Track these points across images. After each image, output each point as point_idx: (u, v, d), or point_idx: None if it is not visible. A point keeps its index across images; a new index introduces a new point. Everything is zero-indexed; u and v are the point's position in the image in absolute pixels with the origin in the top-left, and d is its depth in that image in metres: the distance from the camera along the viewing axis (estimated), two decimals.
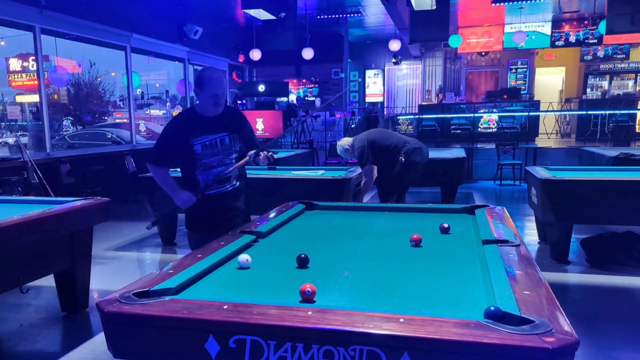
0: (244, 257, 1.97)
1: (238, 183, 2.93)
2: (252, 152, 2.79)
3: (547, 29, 13.32)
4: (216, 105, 2.75)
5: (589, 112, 12.01)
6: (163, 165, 2.83)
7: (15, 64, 13.13)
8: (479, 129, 11.96)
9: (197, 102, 2.85)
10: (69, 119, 18.71)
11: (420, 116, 12.42)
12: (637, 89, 14.52)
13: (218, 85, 2.72)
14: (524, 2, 10.80)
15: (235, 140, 2.86)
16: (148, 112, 23.83)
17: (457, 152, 7.56)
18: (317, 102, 13.78)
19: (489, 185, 9.61)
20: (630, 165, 5.97)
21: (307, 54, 11.70)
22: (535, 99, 13.48)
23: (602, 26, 9.66)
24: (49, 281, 3.50)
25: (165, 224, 5.39)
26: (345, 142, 5.28)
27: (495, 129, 11.83)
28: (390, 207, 3.27)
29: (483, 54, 14.89)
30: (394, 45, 12.25)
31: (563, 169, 5.14)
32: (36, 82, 7.32)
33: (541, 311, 1.35)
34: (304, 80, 14.32)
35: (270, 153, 2.82)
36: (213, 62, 12.22)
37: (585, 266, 4.51)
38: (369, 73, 15.95)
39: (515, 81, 15.15)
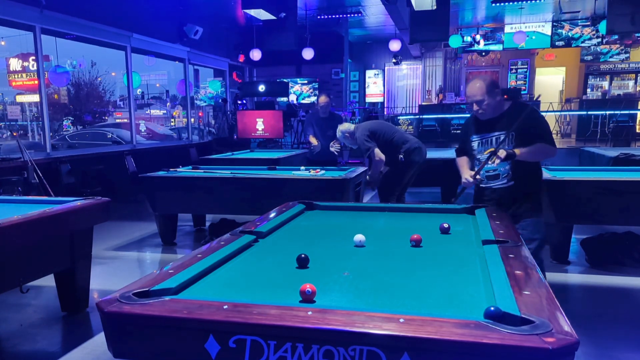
0: (359, 237, 2.21)
1: (512, 183, 3.03)
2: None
3: (547, 29, 13.31)
4: (475, 110, 3.05)
5: (589, 113, 12.01)
6: (459, 155, 3.36)
7: (15, 63, 13.17)
8: None
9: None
10: (69, 119, 18.74)
11: (421, 116, 12.42)
12: (638, 89, 14.52)
13: (469, 92, 3.04)
14: (524, 2, 10.79)
15: (512, 139, 2.92)
16: (148, 112, 23.89)
17: None
18: None
19: None
20: (630, 165, 5.95)
21: (307, 54, 11.70)
22: (535, 99, 13.48)
23: (602, 26, 9.67)
24: (49, 281, 3.50)
25: (166, 224, 5.39)
26: (346, 127, 5.20)
27: None
28: (390, 207, 3.27)
29: (483, 54, 14.88)
30: (394, 46, 12.25)
31: (563, 169, 5.12)
32: (36, 82, 7.33)
33: (541, 311, 1.35)
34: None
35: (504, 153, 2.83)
36: (213, 62, 12.22)
37: (585, 266, 4.50)
38: (369, 73, 15.95)
39: (516, 81, 15.15)
